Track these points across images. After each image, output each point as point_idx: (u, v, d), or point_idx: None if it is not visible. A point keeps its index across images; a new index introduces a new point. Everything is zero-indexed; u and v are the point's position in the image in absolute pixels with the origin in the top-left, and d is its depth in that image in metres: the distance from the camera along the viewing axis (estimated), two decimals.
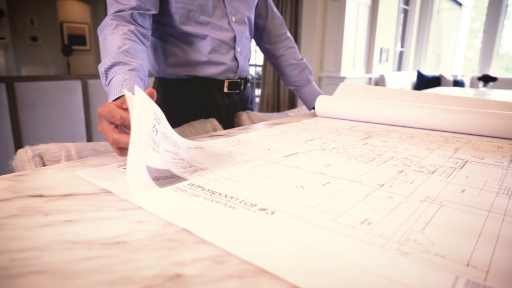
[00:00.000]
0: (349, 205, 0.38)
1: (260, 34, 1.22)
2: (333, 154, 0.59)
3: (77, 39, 8.58)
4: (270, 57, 1.24)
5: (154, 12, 0.88)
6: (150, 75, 1.74)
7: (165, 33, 0.96)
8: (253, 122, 1.04)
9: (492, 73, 5.15)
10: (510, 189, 0.44)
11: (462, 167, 0.53)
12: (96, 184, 0.44)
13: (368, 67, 4.45)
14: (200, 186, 0.43)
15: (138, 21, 0.83)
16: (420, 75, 5.13)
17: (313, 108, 1.17)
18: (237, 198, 0.39)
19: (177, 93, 1.01)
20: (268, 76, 5.02)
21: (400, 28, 5.17)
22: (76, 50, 8.23)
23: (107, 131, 0.53)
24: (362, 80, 4.31)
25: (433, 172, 0.50)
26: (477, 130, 0.77)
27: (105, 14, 0.86)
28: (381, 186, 0.43)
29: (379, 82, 4.59)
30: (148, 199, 0.38)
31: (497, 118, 0.75)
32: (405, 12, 5.29)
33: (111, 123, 0.53)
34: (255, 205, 0.37)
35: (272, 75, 5.05)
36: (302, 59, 1.23)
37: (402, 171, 0.50)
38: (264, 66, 5.13)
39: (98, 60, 8.86)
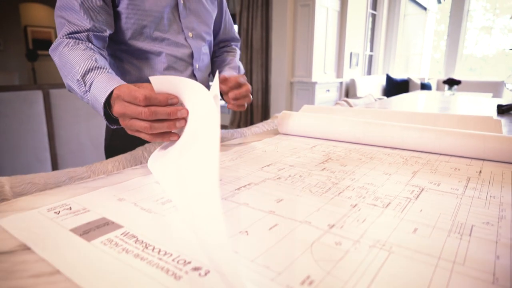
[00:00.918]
0: (293, 256, 0.35)
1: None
2: (288, 184, 0.57)
3: (43, 44, 8.26)
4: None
5: (109, 32, 0.84)
6: None
7: (118, 50, 0.92)
8: None
9: (457, 74, 5.34)
10: (462, 225, 0.42)
11: (418, 197, 0.52)
12: (17, 237, 0.39)
13: (339, 72, 4.51)
14: (134, 236, 0.39)
15: (94, 43, 0.79)
16: (389, 79, 5.25)
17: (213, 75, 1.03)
18: (171, 255, 0.35)
19: None
20: None
21: (369, 32, 5.28)
22: (42, 55, 7.93)
23: (136, 97, 0.54)
24: (333, 84, 4.36)
25: (387, 205, 0.48)
26: (435, 149, 0.77)
27: None
28: (331, 228, 0.41)
29: (350, 86, 4.66)
30: (67, 261, 0.34)
31: (454, 137, 0.74)
32: (373, 16, 5.41)
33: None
34: (189, 262, 0.34)
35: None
36: (234, 59, 1.10)
37: (356, 205, 0.48)
38: None
39: None
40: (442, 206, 0.48)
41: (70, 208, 0.47)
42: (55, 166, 2.72)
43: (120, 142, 0.99)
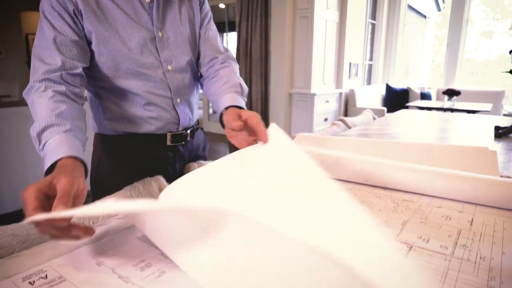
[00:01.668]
0: None
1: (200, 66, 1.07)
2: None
3: None
4: (202, 86, 1.05)
5: (84, 65, 0.82)
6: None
7: (97, 86, 0.90)
8: None
9: (457, 83, 5.32)
10: None
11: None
12: None
13: (338, 82, 4.50)
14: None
15: (69, 80, 0.77)
16: (389, 88, 5.24)
17: (221, 115, 0.85)
18: None
19: (117, 149, 0.95)
20: None
21: (368, 42, 5.28)
22: None
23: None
24: (332, 95, 4.35)
25: None
26: (427, 192, 0.75)
27: None
28: None
29: (349, 96, 4.65)
30: None
31: (447, 181, 0.73)
32: (373, 26, 5.41)
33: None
34: None
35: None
36: (236, 76, 0.99)
37: None
38: None
39: None
40: (430, 270, 0.47)
41: (46, 277, 0.45)
42: None
43: (105, 175, 0.97)
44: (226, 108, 0.83)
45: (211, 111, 6.17)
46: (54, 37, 0.77)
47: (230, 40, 6.04)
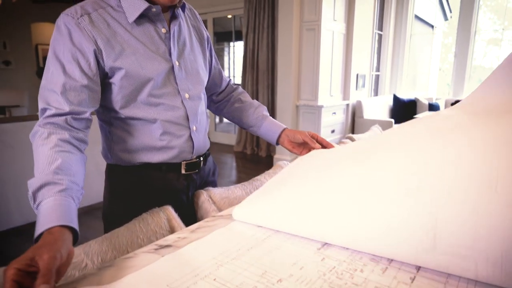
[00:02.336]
0: None
1: (210, 95, 1.18)
2: None
3: None
4: (222, 108, 1.20)
5: (92, 110, 0.82)
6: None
7: (111, 117, 0.90)
8: (214, 202, 0.98)
9: (466, 92, 5.28)
10: None
11: None
12: None
13: (345, 94, 4.49)
14: None
15: (74, 125, 0.77)
16: (396, 99, 5.21)
17: (277, 142, 1.13)
18: None
19: (131, 179, 0.94)
20: None
21: (375, 52, 5.26)
22: None
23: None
24: (339, 107, 4.34)
25: None
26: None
27: None
28: None
29: (357, 108, 4.63)
30: None
31: None
32: (380, 36, 5.41)
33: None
34: None
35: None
36: (254, 100, 1.19)
37: None
38: None
39: None
40: None
41: None
42: None
43: (119, 206, 0.97)
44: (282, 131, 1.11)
45: (217, 119, 6.18)
46: (64, 83, 0.76)
47: (237, 49, 6.07)
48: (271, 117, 1.15)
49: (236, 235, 0.72)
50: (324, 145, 1.05)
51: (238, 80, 5.36)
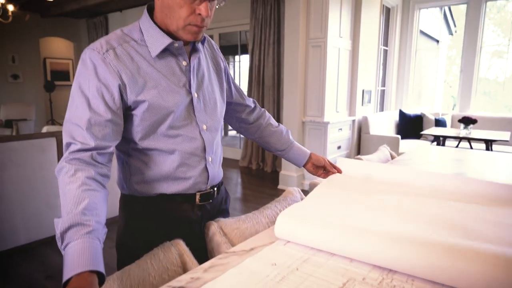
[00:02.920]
0: None
1: (238, 120, 1.19)
2: None
3: (60, 75, 8.53)
4: (254, 133, 1.23)
5: (116, 143, 0.84)
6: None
7: (130, 148, 0.91)
8: (225, 234, 0.96)
9: (472, 109, 5.25)
10: None
11: None
12: None
13: (351, 110, 4.48)
14: None
15: (99, 160, 0.79)
16: (402, 114, 5.19)
17: (305, 165, 1.25)
18: None
19: (145, 210, 0.94)
20: None
21: (381, 68, 5.27)
22: (59, 86, 8.15)
23: None
24: (345, 123, 4.32)
25: None
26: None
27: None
28: None
29: (363, 124, 4.61)
30: None
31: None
32: (385, 52, 5.42)
33: None
34: None
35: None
36: (279, 124, 1.26)
37: None
38: None
39: None
40: None
41: None
42: None
43: (133, 236, 0.97)
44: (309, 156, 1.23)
45: (222, 133, 6.18)
46: (89, 118, 0.78)
47: (242, 62, 6.11)
48: (295, 143, 1.26)
49: (250, 276, 0.70)
50: (338, 171, 1.23)
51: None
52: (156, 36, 0.86)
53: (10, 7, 4.26)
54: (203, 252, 0.93)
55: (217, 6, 0.86)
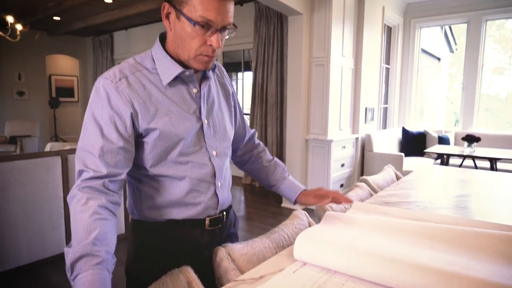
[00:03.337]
0: None
1: (235, 148, 1.19)
2: None
3: (65, 91, 8.63)
4: (243, 164, 1.23)
5: (127, 170, 0.85)
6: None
7: (141, 174, 0.91)
8: (233, 260, 0.95)
9: (475, 124, 5.25)
10: None
11: None
12: None
13: (354, 128, 4.49)
14: None
15: (110, 188, 0.80)
16: (405, 132, 5.19)
17: (295, 201, 1.18)
18: None
19: (155, 235, 0.94)
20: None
21: (383, 86, 5.31)
22: (63, 102, 8.24)
23: None
24: (349, 140, 4.33)
25: None
26: None
27: (94, 69, 0.82)
28: None
29: (366, 141, 4.62)
30: None
31: None
32: (387, 70, 5.47)
33: None
34: None
35: (259, 130, 5.06)
36: (273, 158, 1.22)
37: None
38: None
39: (85, 111, 8.85)
40: None
41: None
42: (68, 231, 2.69)
43: (143, 262, 0.96)
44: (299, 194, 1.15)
45: None
46: (101, 145, 0.79)
47: (246, 79, 6.16)
48: (290, 178, 1.20)
49: None
50: (339, 199, 1.12)
51: (246, 111, 5.40)
52: (167, 65, 0.87)
53: (19, 27, 4.34)
54: (212, 277, 0.92)
55: (227, 37, 0.88)
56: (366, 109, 4.61)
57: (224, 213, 1.02)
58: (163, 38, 0.92)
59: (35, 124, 6.70)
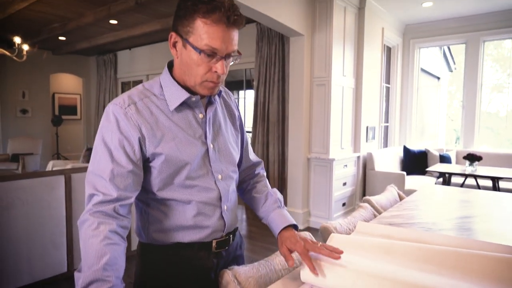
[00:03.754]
0: None
1: None
2: None
3: (68, 109, 8.70)
4: (241, 193, 1.19)
5: (135, 193, 0.87)
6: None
7: (149, 198, 0.93)
8: (239, 282, 0.96)
9: (476, 145, 5.27)
10: None
11: None
12: None
13: (356, 146, 4.51)
14: None
15: (120, 212, 0.81)
16: (406, 150, 5.21)
17: (278, 234, 1.03)
18: None
19: (161, 260, 0.95)
20: (257, 151, 5.05)
21: (384, 105, 5.36)
22: (66, 120, 8.30)
23: None
24: (350, 159, 4.34)
25: None
26: None
27: (97, 87, 0.84)
28: None
29: (368, 160, 4.63)
30: None
31: None
32: (387, 89, 5.53)
33: None
34: None
35: (261, 148, 5.08)
36: (267, 190, 1.15)
37: None
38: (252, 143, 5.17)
39: (87, 130, 8.91)
40: None
41: None
42: (70, 251, 2.68)
43: (150, 285, 0.97)
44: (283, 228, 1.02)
45: None
46: (111, 169, 0.81)
47: (247, 97, 6.22)
48: (278, 211, 1.07)
49: None
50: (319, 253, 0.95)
51: (248, 129, 5.44)
52: (174, 90, 0.91)
53: (25, 47, 4.43)
54: None
55: (231, 63, 0.91)
56: (367, 127, 4.64)
57: (231, 235, 1.03)
58: (170, 66, 0.95)
59: (37, 142, 6.73)
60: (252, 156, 1.19)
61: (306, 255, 0.93)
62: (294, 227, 1.04)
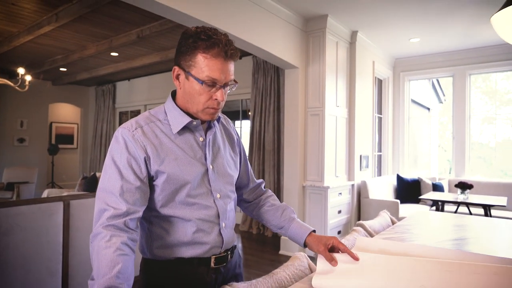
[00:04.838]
0: None
1: (240, 194, 1.27)
2: None
3: (65, 138, 8.77)
4: (252, 210, 1.28)
5: (143, 208, 0.94)
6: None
7: (151, 215, 1.00)
8: None
9: (468, 171, 5.37)
10: None
11: None
12: None
13: (350, 175, 4.59)
14: None
15: (130, 226, 0.88)
16: (400, 179, 5.29)
17: (304, 244, 1.16)
18: None
19: (163, 276, 1.01)
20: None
21: (377, 134, 5.49)
22: (62, 149, 8.34)
23: None
24: (345, 187, 4.41)
25: None
26: None
27: (95, 117, 0.92)
28: None
29: (362, 188, 4.70)
30: None
31: None
32: (380, 119, 5.69)
33: None
34: None
35: (257, 176, 5.13)
36: (281, 203, 1.27)
37: None
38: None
39: (83, 159, 8.95)
40: None
41: None
42: (65, 278, 2.66)
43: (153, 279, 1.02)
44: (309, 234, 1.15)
45: None
46: (121, 185, 0.90)
47: (244, 127, 6.34)
48: (298, 220, 1.20)
49: None
50: (342, 251, 1.08)
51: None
52: (177, 116, 1.01)
53: (28, 77, 4.56)
54: None
55: (229, 91, 1.01)
56: (360, 156, 4.74)
57: (229, 252, 1.09)
58: (174, 95, 1.06)
59: (33, 171, 6.73)
60: (253, 177, 1.29)
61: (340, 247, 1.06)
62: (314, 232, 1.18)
